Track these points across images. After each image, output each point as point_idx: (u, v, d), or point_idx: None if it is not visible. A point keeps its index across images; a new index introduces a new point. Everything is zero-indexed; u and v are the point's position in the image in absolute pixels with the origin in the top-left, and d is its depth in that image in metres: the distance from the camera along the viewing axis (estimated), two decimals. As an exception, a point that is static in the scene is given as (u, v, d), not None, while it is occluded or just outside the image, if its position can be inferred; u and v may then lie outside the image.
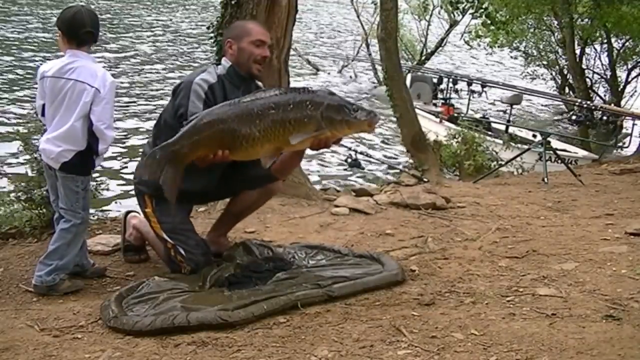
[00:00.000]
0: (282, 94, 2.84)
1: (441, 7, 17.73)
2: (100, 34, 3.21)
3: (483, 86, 11.44)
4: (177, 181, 2.87)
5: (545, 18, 14.87)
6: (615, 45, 14.68)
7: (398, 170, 8.76)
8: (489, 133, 10.21)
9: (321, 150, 3.05)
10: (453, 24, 18.19)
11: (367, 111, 2.81)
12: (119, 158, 8.88)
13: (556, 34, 15.36)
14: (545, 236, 3.90)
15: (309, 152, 3.09)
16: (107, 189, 4.50)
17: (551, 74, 16.92)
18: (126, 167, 8.43)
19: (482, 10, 10.92)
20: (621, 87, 15.05)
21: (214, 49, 4.96)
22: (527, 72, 17.34)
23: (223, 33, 4.60)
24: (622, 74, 15.25)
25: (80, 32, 3.06)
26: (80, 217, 3.15)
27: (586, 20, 13.64)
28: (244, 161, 3.09)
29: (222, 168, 3.21)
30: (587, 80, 14.90)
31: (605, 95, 15.40)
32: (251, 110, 2.77)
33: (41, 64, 3.32)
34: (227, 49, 3.23)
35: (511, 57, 17.83)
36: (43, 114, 3.16)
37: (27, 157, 4.00)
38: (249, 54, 3.17)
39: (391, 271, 3.09)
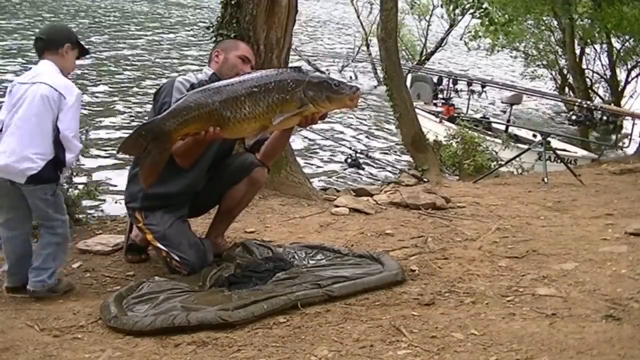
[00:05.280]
0: (266, 74, 2.90)
1: (445, 12, 17.69)
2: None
3: (483, 86, 11.46)
4: (158, 165, 2.88)
5: (545, 18, 14.87)
6: (615, 45, 14.68)
7: (398, 170, 8.75)
8: (489, 133, 10.22)
9: (311, 126, 3.13)
10: (453, 24, 18.19)
11: (348, 85, 2.86)
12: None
13: (556, 34, 15.36)
14: (545, 236, 3.90)
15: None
16: (107, 189, 4.49)
17: (551, 74, 16.92)
18: (127, 166, 8.38)
19: (482, 10, 10.89)
20: (621, 87, 15.05)
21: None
22: (527, 73, 17.33)
23: (222, 34, 4.64)
24: (622, 75, 15.26)
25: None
26: (61, 220, 3.09)
27: (586, 20, 13.64)
28: (224, 158, 3.35)
29: (201, 167, 3.28)
30: (587, 80, 14.91)
31: (605, 96, 15.40)
32: (236, 90, 2.84)
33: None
34: (214, 57, 3.40)
35: (511, 56, 17.83)
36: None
37: None
38: (233, 66, 3.32)
39: (391, 271, 3.09)
